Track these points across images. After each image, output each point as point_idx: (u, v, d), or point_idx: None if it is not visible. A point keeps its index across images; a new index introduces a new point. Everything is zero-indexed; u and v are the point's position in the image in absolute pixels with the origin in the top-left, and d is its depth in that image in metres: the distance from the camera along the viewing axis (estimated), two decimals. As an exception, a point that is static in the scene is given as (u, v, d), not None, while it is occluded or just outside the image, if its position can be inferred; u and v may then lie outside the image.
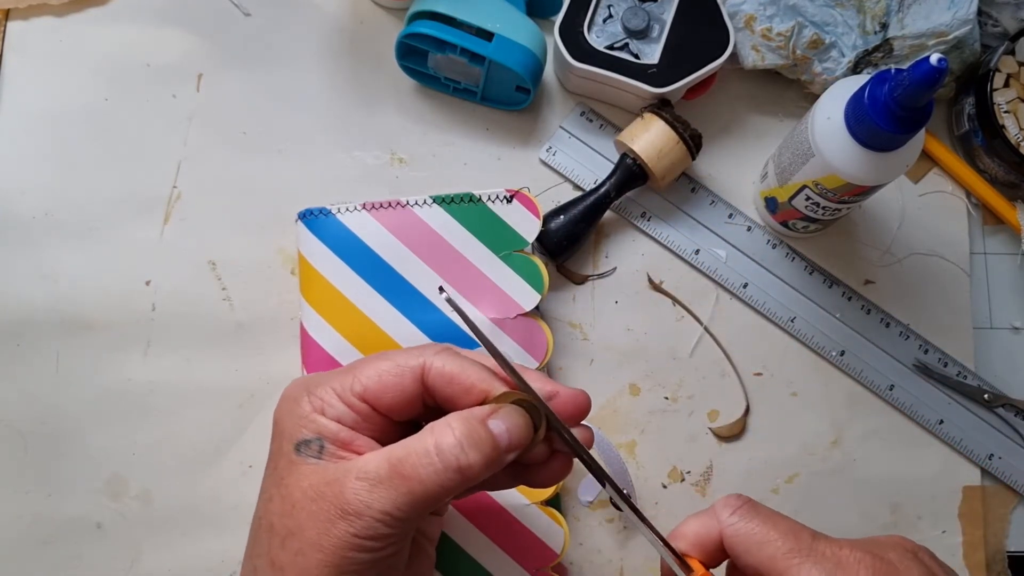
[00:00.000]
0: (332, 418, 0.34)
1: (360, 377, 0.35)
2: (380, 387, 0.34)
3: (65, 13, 0.57)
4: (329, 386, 0.35)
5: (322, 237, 0.50)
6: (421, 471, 0.32)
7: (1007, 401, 0.55)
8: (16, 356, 0.53)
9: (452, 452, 0.32)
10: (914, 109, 0.43)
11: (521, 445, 0.34)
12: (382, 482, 0.32)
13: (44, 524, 0.51)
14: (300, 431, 0.34)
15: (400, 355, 0.35)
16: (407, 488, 0.32)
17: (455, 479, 0.32)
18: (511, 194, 0.51)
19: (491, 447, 0.33)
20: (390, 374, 0.35)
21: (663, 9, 0.54)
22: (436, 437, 0.33)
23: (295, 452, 0.34)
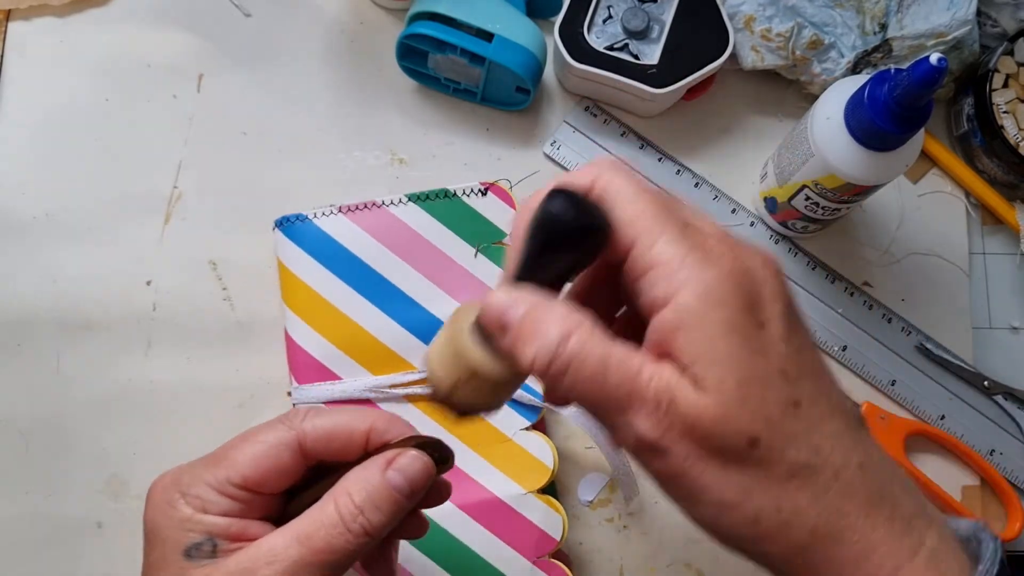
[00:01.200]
0: (217, 514, 0.33)
1: (235, 467, 0.33)
2: (259, 472, 0.33)
3: (66, 13, 0.57)
4: (204, 483, 0.33)
5: (300, 243, 0.51)
6: (333, 542, 0.32)
7: (1007, 390, 0.55)
8: (17, 356, 0.53)
9: (357, 521, 0.32)
10: (914, 108, 0.43)
11: (423, 486, 0.33)
12: (293, 560, 0.31)
13: (45, 523, 0.51)
14: (186, 535, 0.32)
15: (267, 432, 0.34)
16: (321, 561, 0.31)
17: (365, 541, 0.32)
18: (486, 187, 0.51)
19: (392, 502, 0.33)
20: (266, 457, 0.33)
21: (663, 10, 0.54)
22: (339, 507, 0.32)
23: (185, 558, 0.32)
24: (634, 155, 0.57)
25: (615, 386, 0.27)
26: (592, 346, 0.27)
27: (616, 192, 0.29)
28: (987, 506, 0.55)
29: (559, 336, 0.27)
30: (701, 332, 0.26)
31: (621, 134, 0.58)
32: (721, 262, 0.27)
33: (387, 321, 0.50)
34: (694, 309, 0.26)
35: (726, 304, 0.26)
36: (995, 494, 0.55)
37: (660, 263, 0.27)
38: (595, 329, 0.27)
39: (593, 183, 0.29)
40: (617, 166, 0.29)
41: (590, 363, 0.27)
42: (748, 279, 0.27)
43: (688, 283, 0.26)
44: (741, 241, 0.29)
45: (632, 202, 0.28)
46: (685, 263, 0.27)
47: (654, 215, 0.28)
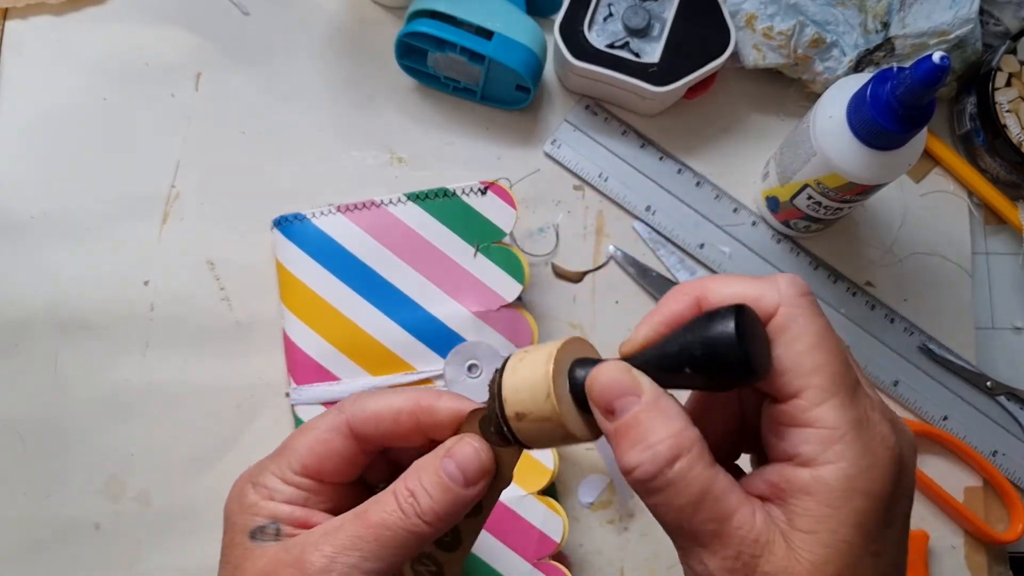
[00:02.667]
0: (282, 502, 0.33)
1: (295, 455, 0.34)
2: (316, 459, 0.34)
3: (64, 12, 0.57)
4: (270, 472, 0.34)
5: (298, 243, 0.50)
6: (387, 518, 0.31)
7: (1009, 390, 0.55)
8: (14, 357, 0.52)
9: (408, 501, 0.31)
10: (916, 107, 0.43)
11: (482, 473, 0.32)
12: (347, 532, 0.31)
13: (42, 525, 0.51)
14: (252, 519, 0.33)
15: (321, 419, 0.35)
16: (375, 535, 0.31)
17: (419, 525, 0.31)
18: (485, 186, 0.51)
19: (443, 489, 0.32)
20: (319, 443, 0.34)
21: (664, 8, 0.54)
22: (395, 487, 0.32)
23: (250, 539, 0.32)
24: (635, 154, 0.57)
25: (703, 521, 0.26)
26: (696, 474, 0.26)
27: (800, 332, 0.27)
28: (989, 507, 0.54)
29: (668, 456, 0.26)
30: (831, 512, 0.25)
31: (622, 133, 0.57)
32: (880, 448, 0.26)
33: (386, 321, 0.50)
34: (835, 489, 0.25)
35: (869, 496, 0.26)
36: (998, 495, 0.55)
37: (820, 426, 0.26)
38: (704, 453, 0.26)
39: (778, 308, 0.27)
40: (805, 294, 0.28)
41: (689, 492, 0.26)
42: (897, 471, 0.26)
43: (840, 461, 0.25)
44: (894, 415, 0.28)
45: (812, 351, 0.27)
46: (845, 438, 0.26)
47: (831, 374, 0.26)
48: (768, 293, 0.28)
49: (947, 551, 0.54)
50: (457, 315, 0.50)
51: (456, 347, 0.50)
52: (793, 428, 0.26)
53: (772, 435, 0.27)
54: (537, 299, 0.55)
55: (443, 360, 0.50)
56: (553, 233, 0.56)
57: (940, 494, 0.53)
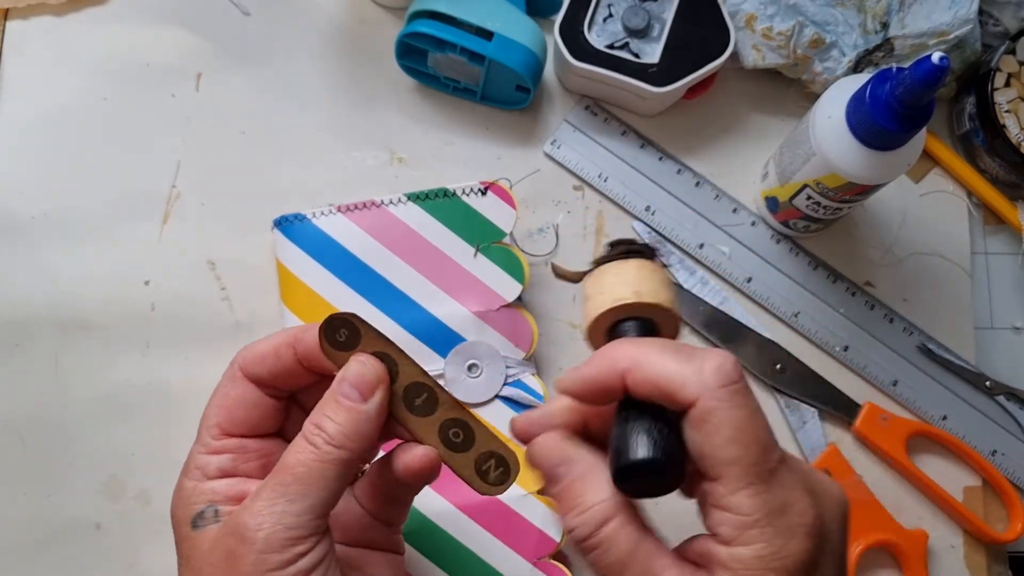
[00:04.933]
0: (215, 476, 0.34)
1: (208, 420, 0.35)
2: (226, 413, 0.35)
3: (64, 13, 0.57)
4: (194, 453, 0.35)
5: (299, 243, 0.50)
6: (300, 456, 0.32)
7: (1008, 390, 0.55)
8: (15, 356, 0.53)
9: (315, 434, 0.32)
10: (916, 107, 0.43)
11: (374, 383, 0.34)
12: (268, 486, 0.32)
13: (42, 525, 0.51)
14: (191, 508, 0.34)
15: (221, 380, 0.37)
16: (293, 476, 0.32)
17: (332, 452, 0.32)
18: (485, 186, 0.51)
19: (343, 409, 0.33)
20: (222, 397, 0.36)
21: (663, 8, 0.54)
22: (303, 429, 0.33)
23: (192, 529, 0.33)
24: (635, 154, 0.57)
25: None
26: (623, 536, 0.29)
27: (717, 425, 0.28)
28: (989, 507, 0.54)
29: (599, 520, 0.29)
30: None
31: (622, 133, 0.57)
32: (797, 527, 0.28)
33: (386, 321, 0.50)
34: (751, 567, 0.27)
35: (784, 572, 0.27)
36: (997, 495, 0.55)
37: (736, 512, 0.28)
38: (632, 520, 0.29)
39: (698, 399, 0.28)
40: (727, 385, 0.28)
41: (616, 552, 0.29)
42: (818, 542, 0.28)
43: (755, 543, 0.27)
44: (818, 479, 0.30)
45: (728, 444, 0.28)
46: (759, 524, 0.27)
47: (747, 465, 0.28)
48: (690, 382, 0.29)
49: (946, 550, 0.54)
50: (457, 315, 0.50)
51: (456, 347, 0.50)
52: (715, 508, 0.28)
53: (702, 510, 0.30)
54: (537, 299, 0.55)
55: (443, 360, 0.50)
56: (553, 233, 0.56)
57: (939, 494, 0.53)
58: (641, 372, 0.29)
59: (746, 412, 0.28)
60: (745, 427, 0.28)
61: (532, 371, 0.51)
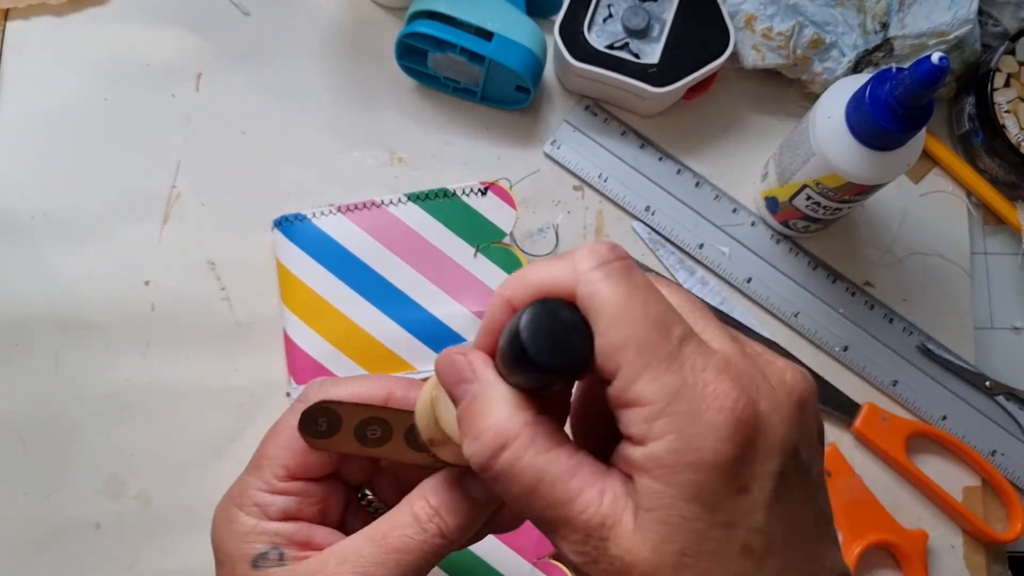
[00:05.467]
0: (277, 518, 0.32)
1: (273, 461, 0.33)
2: (295, 458, 0.33)
3: (64, 13, 0.57)
4: (254, 488, 0.33)
5: (299, 243, 0.50)
6: (409, 542, 0.30)
7: (1008, 390, 0.55)
8: (15, 356, 0.53)
9: (433, 521, 0.30)
10: (915, 108, 0.43)
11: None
12: (367, 559, 0.30)
13: (43, 525, 0.51)
14: (251, 546, 0.31)
15: (288, 415, 0.34)
16: (396, 561, 0.30)
17: (441, 544, 0.30)
18: (485, 186, 0.51)
19: (469, 506, 0.31)
20: (295, 439, 0.33)
21: (663, 9, 0.54)
22: (414, 508, 0.31)
23: (253, 569, 0.31)
24: (634, 154, 0.57)
25: (541, 508, 0.25)
26: (526, 463, 0.25)
27: (600, 307, 0.25)
28: (988, 507, 0.54)
29: (494, 446, 0.25)
30: (664, 488, 0.24)
31: (621, 133, 0.57)
32: (712, 412, 0.23)
33: (386, 321, 0.50)
34: (666, 463, 0.24)
35: (702, 467, 0.23)
36: (996, 495, 0.55)
37: (640, 403, 0.24)
38: (535, 440, 0.25)
39: (575, 287, 0.25)
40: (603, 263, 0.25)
41: (520, 481, 0.25)
42: (743, 431, 0.24)
43: (666, 435, 0.24)
44: (756, 363, 0.25)
45: (615, 326, 0.24)
46: (667, 410, 0.24)
47: (639, 344, 0.24)
48: (561, 274, 0.25)
49: (946, 551, 0.54)
50: (457, 315, 0.50)
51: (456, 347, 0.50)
52: (621, 409, 0.25)
53: (616, 418, 0.25)
54: (537, 299, 0.55)
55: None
56: (553, 233, 0.56)
57: (939, 494, 0.53)
58: (523, 290, 0.26)
59: (627, 288, 0.25)
60: (628, 304, 0.24)
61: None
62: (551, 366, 0.25)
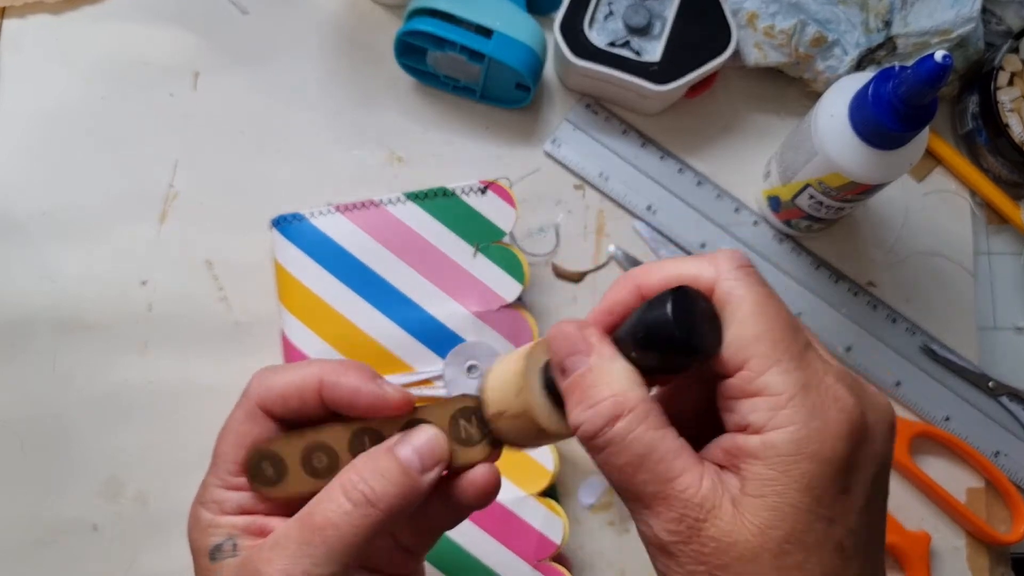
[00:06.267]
0: (233, 512, 0.32)
1: (225, 458, 0.33)
2: (243, 450, 0.32)
3: (61, 11, 0.57)
4: (212, 486, 0.33)
5: (297, 243, 0.50)
6: (332, 516, 0.29)
7: (1011, 391, 0.55)
8: (12, 356, 0.52)
9: (357, 487, 0.30)
10: (918, 106, 0.43)
11: (436, 463, 0.31)
12: (294, 540, 0.29)
13: (40, 525, 0.51)
14: (209, 539, 0.32)
15: (234, 412, 0.33)
16: (322, 538, 0.29)
17: (369, 514, 0.30)
18: (485, 185, 0.51)
19: (400, 473, 0.30)
20: (240, 436, 0.32)
21: (664, 6, 0.54)
22: (341, 480, 0.30)
23: (211, 561, 0.31)
24: (636, 153, 0.57)
25: (644, 482, 0.26)
26: (638, 435, 0.26)
27: (737, 304, 0.27)
28: (992, 508, 0.54)
29: (609, 414, 0.27)
30: (778, 476, 0.25)
31: (622, 132, 0.57)
32: (832, 411, 0.25)
33: (385, 321, 0.49)
34: (784, 452, 0.25)
35: (819, 460, 0.25)
36: (1000, 496, 0.54)
37: (767, 393, 0.26)
38: (649, 416, 0.27)
39: (716, 284, 0.27)
40: (742, 267, 0.28)
41: (629, 452, 0.26)
42: (857, 434, 0.26)
43: (788, 425, 0.25)
44: (861, 382, 0.27)
45: (751, 320, 0.26)
46: (792, 402, 0.25)
47: (773, 340, 0.26)
48: (705, 270, 0.28)
49: (949, 552, 0.54)
50: (457, 315, 0.50)
51: (455, 347, 0.49)
52: (742, 400, 0.26)
53: (725, 411, 0.27)
54: (537, 299, 0.55)
55: (442, 360, 0.49)
56: (553, 233, 0.56)
57: (942, 495, 0.53)
58: (656, 277, 0.28)
59: (766, 291, 0.27)
60: (766, 304, 0.27)
61: (532, 372, 0.51)
62: (693, 347, 0.26)
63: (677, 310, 0.26)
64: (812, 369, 0.26)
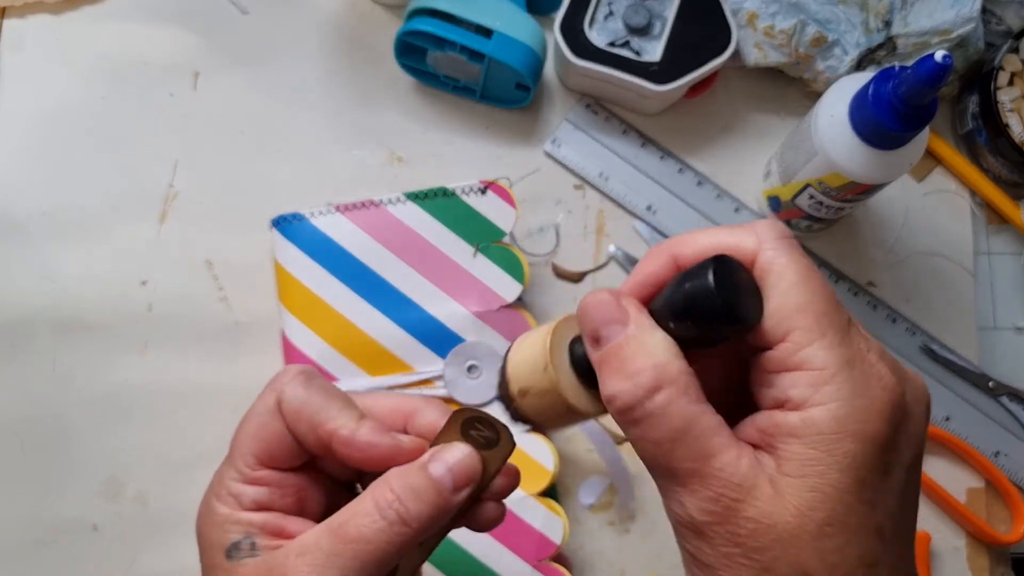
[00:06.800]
0: (250, 507, 0.32)
1: (243, 449, 0.32)
2: (262, 446, 0.32)
3: (61, 11, 0.57)
4: (228, 478, 0.32)
5: (297, 243, 0.50)
6: (365, 531, 0.29)
7: (1011, 391, 0.55)
8: (12, 357, 0.52)
9: (393, 507, 0.30)
10: (918, 106, 0.42)
11: (470, 482, 0.31)
12: (324, 550, 0.29)
13: (40, 525, 0.51)
14: (226, 536, 0.31)
15: (257, 403, 0.33)
16: (353, 552, 0.29)
17: (403, 533, 0.30)
18: (485, 185, 0.51)
19: (434, 492, 0.30)
20: (261, 428, 0.32)
21: (664, 6, 0.54)
22: (374, 495, 0.30)
23: (227, 559, 0.31)
24: (636, 153, 0.57)
25: (681, 458, 0.25)
26: (678, 408, 0.25)
27: (780, 274, 0.26)
28: (992, 508, 0.54)
29: (649, 386, 0.25)
30: (820, 455, 0.24)
31: (623, 132, 0.57)
32: (876, 389, 0.24)
33: (385, 321, 0.49)
34: (824, 431, 0.24)
35: (863, 439, 0.24)
36: (1000, 496, 0.54)
37: (809, 367, 0.25)
38: (689, 389, 0.25)
39: (756, 253, 0.26)
40: (784, 237, 0.26)
41: (668, 426, 0.25)
42: (898, 414, 0.25)
43: (831, 401, 0.24)
44: (900, 365, 0.26)
45: (795, 291, 0.25)
46: (836, 378, 0.24)
47: (818, 312, 0.25)
48: (746, 239, 0.27)
49: (949, 552, 0.54)
50: (457, 315, 0.50)
51: (456, 347, 0.49)
52: (782, 373, 0.25)
53: (763, 385, 0.26)
54: (537, 299, 0.55)
55: (442, 360, 0.49)
56: (553, 233, 0.56)
57: (942, 495, 0.53)
58: (693, 247, 0.27)
59: (808, 263, 0.26)
60: (810, 275, 0.26)
61: (532, 372, 0.51)
62: (735, 317, 0.25)
63: (719, 279, 0.25)
64: (855, 345, 0.25)
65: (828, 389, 0.24)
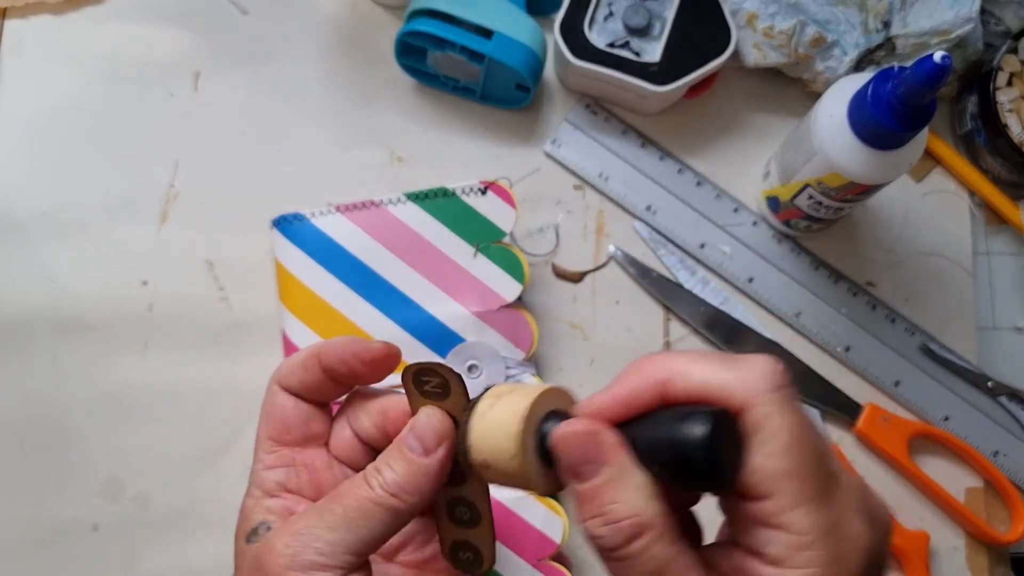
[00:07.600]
0: (274, 491, 0.34)
1: (260, 438, 0.35)
2: (274, 423, 0.35)
3: (62, 12, 0.57)
4: (255, 470, 0.35)
5: (298, 243, 0.50)
6: (353, 490, 0.32)
7: (1010, 391, 0.55)
8: (12, 357, 0.52)
9: (374, 477, 0.32)
10: (917, 107, 0.43)
11: (438, 439, 0.32)
12: (314, 509, 0.32)
13: (40, 525, 0.51)
14: (248, 523, 0.34)
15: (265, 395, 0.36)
16: (340, 506, 0.31)
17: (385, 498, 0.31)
18: (485, 185, 0.51)
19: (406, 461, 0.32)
20: (267, 412, 0.35)
21: (664, 7, 0.54)
22: (364, 470, 0.33)
23: (246, 543, 0.33)
24: (635, 153, 0.57)
25: None
26: (655, 553, 0.26)
27: (772, 434, 0.26)
28: (991, 508, 0.54)
29: (629, 534, 0.26)
30: None
31: (622, 132, 0.57)
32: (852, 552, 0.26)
33: (385, 321, 0.49)
34: None
35: None
36: (999, 496, 0.54)
37: (791, 531, 0.25)
38: (665, 532, 0.26)
39: (749, 405, 0.26)
40: (779, 388, 0.26)
41: (645, 568, 0.26)
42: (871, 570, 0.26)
43: (809, 567, 0.25)
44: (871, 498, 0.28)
45: (785, 454, 0.26)
46: (815, 546, 0.25)
47: (804, 478, 0.25)
48: (738, 388, 0.26)
49: (948, 552, 0.54)
50: (457, 315, 0.50)
51: (456, 347, 0.49)
52: (762, 528, 0.26)
53: (739, 528, 0.27)
54: (537, 299, 0.55)
55: (443, 360, 0.49)
56: (553, 233, 0.56)
57: (941, 495, 0.53)
58: (683, 383, 0.27)
59: (801, 418, 0.26)
60: (802, 436, 0.26)
61: (532, 372, 0.51)
62: (721, 480, 0.26)
63: (713, 442, 0.25)
64: (837, 509, 0.26)
65: (807, 555, 0.25)
